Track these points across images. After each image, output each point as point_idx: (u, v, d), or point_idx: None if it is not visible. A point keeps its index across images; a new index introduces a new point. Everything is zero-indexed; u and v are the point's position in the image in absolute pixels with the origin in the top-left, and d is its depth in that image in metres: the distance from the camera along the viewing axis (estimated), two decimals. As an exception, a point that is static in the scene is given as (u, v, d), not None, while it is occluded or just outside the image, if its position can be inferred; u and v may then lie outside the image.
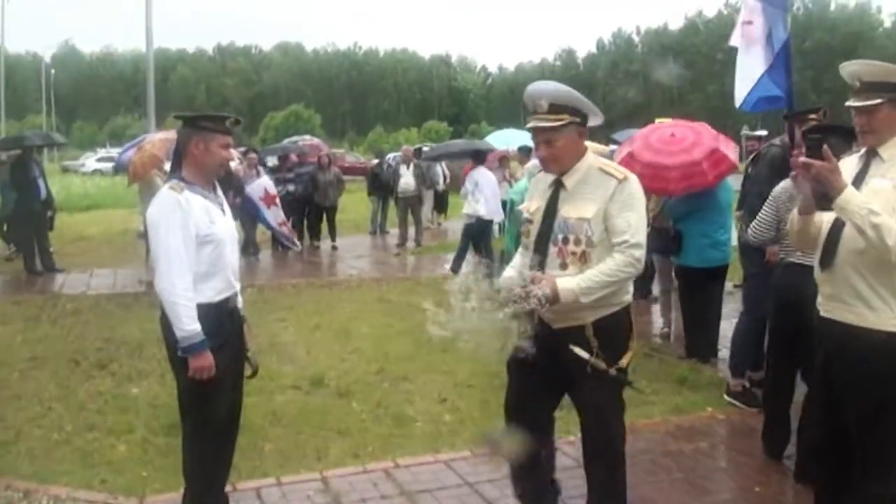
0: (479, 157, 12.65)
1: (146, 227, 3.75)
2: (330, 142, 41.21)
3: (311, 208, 15.04)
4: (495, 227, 12.81)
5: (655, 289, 9.42)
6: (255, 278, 11.81)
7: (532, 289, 3.36)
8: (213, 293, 3.69)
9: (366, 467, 4.76)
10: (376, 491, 4.44)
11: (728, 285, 7.93)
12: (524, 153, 13.82)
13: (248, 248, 13.31)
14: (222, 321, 3.73)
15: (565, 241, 3.53)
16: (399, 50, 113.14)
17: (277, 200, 12.65)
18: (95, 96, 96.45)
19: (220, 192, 3.90)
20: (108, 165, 38.70)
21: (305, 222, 15.24)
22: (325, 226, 15.36)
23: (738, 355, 6.09)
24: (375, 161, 19.10)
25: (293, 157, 16.30)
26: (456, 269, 11.49)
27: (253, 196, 12.40)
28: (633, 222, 3.44)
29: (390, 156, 20.45)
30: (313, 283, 11.45)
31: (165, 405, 5.18)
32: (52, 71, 77.36)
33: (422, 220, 16.08)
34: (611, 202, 3.45)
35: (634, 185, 3.49)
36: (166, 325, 3.64)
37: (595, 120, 3.63)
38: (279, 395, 6.11)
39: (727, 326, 6.97)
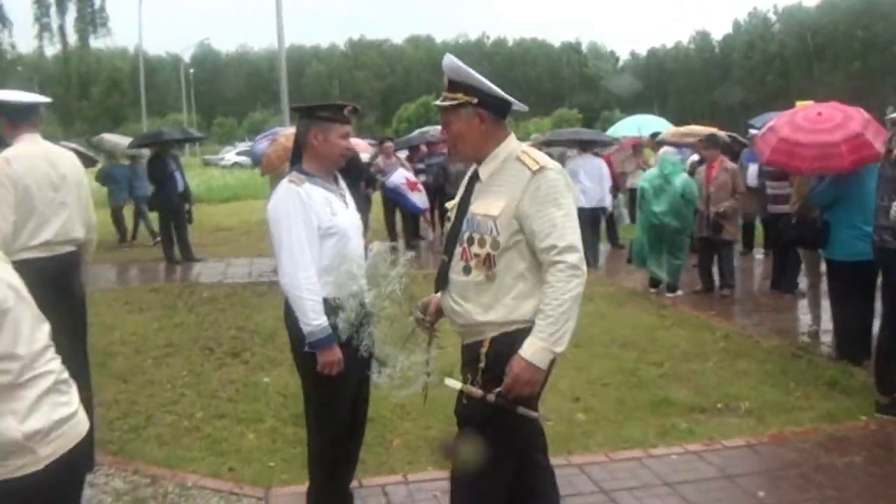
0: (584, 145, 12.51)
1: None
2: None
3: (441, 198, 14.98)
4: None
5: (802, 283, 8.83)
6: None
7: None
8: (337, 287, 3.58)
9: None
10: (505, 492, 4.24)
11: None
12: (655, 140, 13.41)
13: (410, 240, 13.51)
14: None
15: (470, 241, 3.03)
16: (528, 39, 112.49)
17: (420, 186, 12.70)
18: (233, 93, 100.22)
19: (342, 182, 3.80)
20: (247, 159, 40.11)
21: (437, 212, 15.19)
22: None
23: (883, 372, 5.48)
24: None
25: (423, 148, 16.27)
26: (590, 263, 11.22)
27: (396, 183, 12.48)
28: (558, 221, 2.88)
29: (521, 145, 20.17)
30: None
31: (295, 395, 5.14)
32: (192, 70, 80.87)
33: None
34: (524, 198, 2.92)
35: (553, 175, 2.93)
36: (291, 319, 3.57)
37: (512, 106, 3.13)
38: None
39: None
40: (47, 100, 4.80)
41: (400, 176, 12.72)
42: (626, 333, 7.58)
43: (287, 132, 11.77)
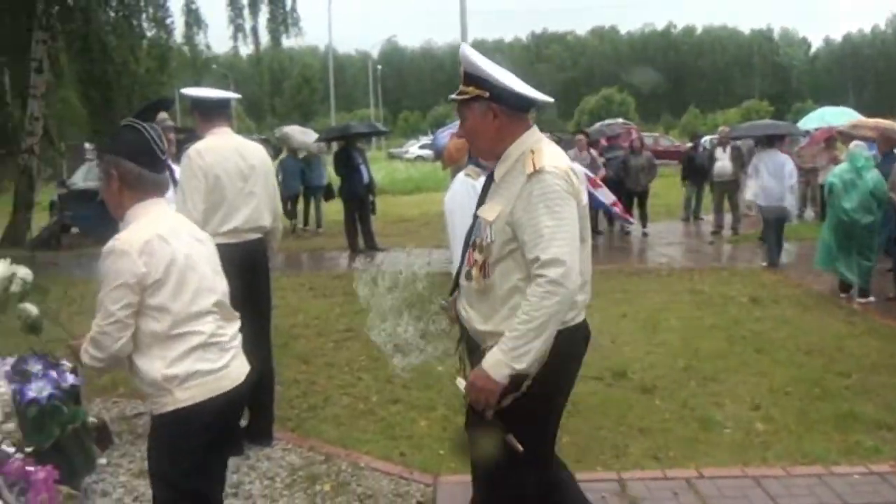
0: (770, 139, 11.98)
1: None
2: (644, 125, 40.37)
3: (622, 193, 14.69)
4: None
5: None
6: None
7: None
8: None
9: (666, 473, 4.42)
10: (675, 501, 4.10)
11: None
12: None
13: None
14: None
15: (474, 245, 2.87)
16: (717, 26, 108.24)
17: (600, 182, 12.56)
18: (418, 88, 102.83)
19: None
20: (429, 152, 41.03)
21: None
22: (636, 211, 14.94)
23: None
24: (690, 144, 18.29)
25: (603, 141, 16.04)
26: (773, 262, 10.67)
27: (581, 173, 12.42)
28: (545, 230, 2.62)
29: (706, 138, 19.48)
30: (622, 270, 11.14)
31: (467, 385, 5.22)
32: (379, 67, 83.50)
33: (739, 207, 15.07)
34: (517, 203, 2.70)
35: (550, 179, 2.66)
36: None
37: (535, 101, 2.87)
38: (580, 385, 5.81)
39: None
40: (237, 96, 5.11)
41: (579, 172, 12.60)
42: (812, 340, 7.13)
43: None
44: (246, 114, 61.00)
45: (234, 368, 2.81)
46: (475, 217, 2.92)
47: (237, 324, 2.93)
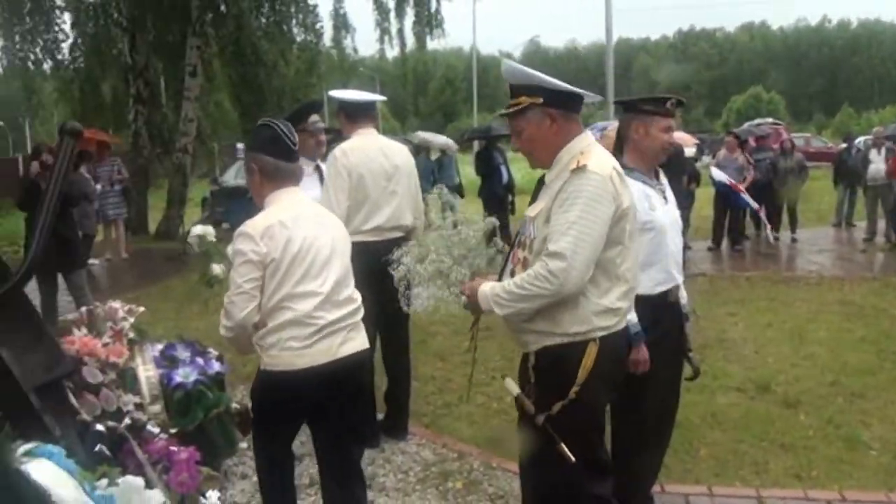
0: None
1: None
2: (795, 125, 38.57)
3: (771, 196, 14.06)
4: None
5: None
6: (708, 267, 11.46)
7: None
8: (651, 284, 3.46)
9: (808, 493, 4.19)
10: (816, 523, 3.90)
11: None
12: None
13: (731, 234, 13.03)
14: (660, 315, 3.50)
15: (519, 243, 2.92)
16: (873, 20, 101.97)
17: (741, 188, 12.11)
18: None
19: (663, 178, 3.67)
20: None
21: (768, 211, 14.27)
22: (785, 216, 14.27)
23: None
24: (843, 145, 17.29)
25: (752, 142, 15.38)
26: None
27: (720, 179, 12.07)
28: (563, 225, 2.63)
29: (859, 139, 18.37)
30: (769, 278, 10.64)
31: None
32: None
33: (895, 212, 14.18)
34: (556, 198, 2.71)
35: (588, 178, 2.66)
36: None
37: (584, 98, 2.87)
38: (721, 397, 5.70)
39: None
40: (382, 98, 5.19)
41: (721, 174, 12.18)
42: None
43: (616, 126, 11.73)
44: (391, 114, 62.29)
45: (322, 351, 3.06)
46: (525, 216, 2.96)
47: (345, 310, 3.19)
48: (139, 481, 1.74)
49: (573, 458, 2.72)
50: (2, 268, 2.51)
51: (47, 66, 18.38)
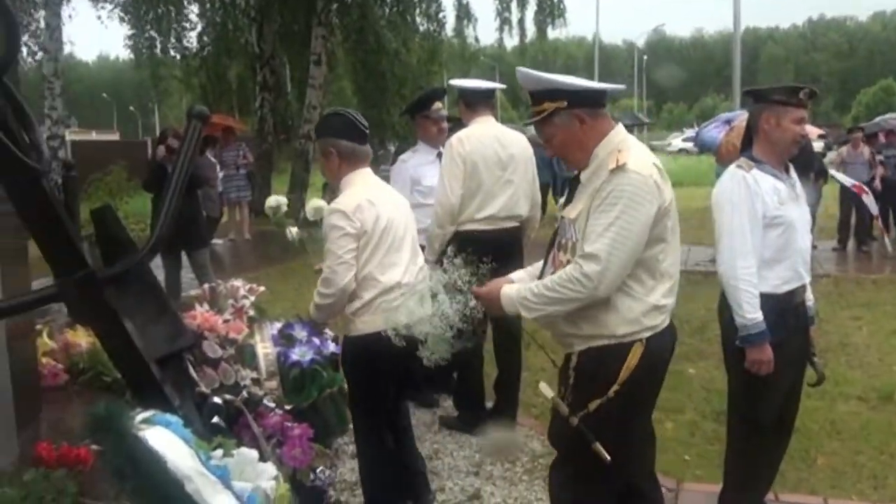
0: None
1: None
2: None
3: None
4: None
5: None
6: (833, 268, 10.94)
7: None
8: (778, 282, 3.34)
9: (929, 513, 3.95)
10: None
11: None
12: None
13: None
14: (785, 316, 3.36)
15: (559, 245, 2.79)
16: None
17: (866, 190, 11.50)
18: (685, 79, 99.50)
19: (793, 172, 3.51)
20: (693, 145, 39.49)
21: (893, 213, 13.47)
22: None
23: None
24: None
25: (881, 137, 14.54)
26: None
27: (842, 180, 11.52)
28: (601, 226, 2.54)
29: None
30: (897, 281, 10.12)
31: (719, 391, 4.95)
32: (645, 56, 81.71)
33: None
34: (595, 198, 2.60)
35: (628, 177, 2.55)
36: (725, 309, 3.41)
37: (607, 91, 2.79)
38: (841, 404, 5.43)
39: None
40: (501, 86, 5.17)
41: (844, 178, 11.61)
42: None
43: (744, 117, 11.31)
44: (509, 104, 62.11)
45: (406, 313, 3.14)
46: (560, 217, 2.84)
47: (419, 277, 3.44)
48: (253, 453, 1.78)
49: (608, 458, 2.62)
50: (129, 244, 2.62)
51: (175, 54, 19.19)
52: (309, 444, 2.53)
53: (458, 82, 5.04)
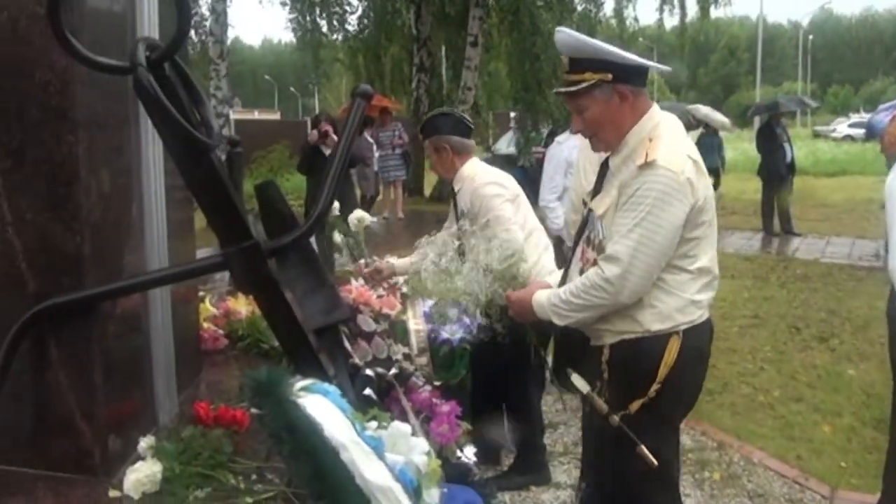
0: None
1: None
2: None
3: None
4: None
5: None
6: None
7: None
8: None
9: None
10: None
11: None
12: None
13: None
14: None
15: (587, 240, 2.65)
16: None
17: None
18: (852, 60, 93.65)
19: None
20: (860, 131, 37.20)
21: None
22: None
23: None
24: None
25: None
26: None
27: None
28: (625, 226, 2.38)
29: None
30: None
31: (880, 395, 4.68)
32: (810, 37, 77.44)
33: None
34: (622, 194, 2.43)
35: (657, 175, 2.35)
36: (894, 309, 3.18)
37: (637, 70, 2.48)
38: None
39: None
40: (665, 68, 4.97)
41: None
42: None
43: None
44: (666, 87, 60.47)
45: None
46: (587, 209, 2.68)
47: None
48: (406, 427, 1.80)
49: (655, 462, 2.45)
50: (291, 218, 2.70)
51: (336, 36, 19.73)
52: (456, 422, 2.54)
53: None
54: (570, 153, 5.09)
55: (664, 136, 2.45)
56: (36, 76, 2.09)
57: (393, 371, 3.07)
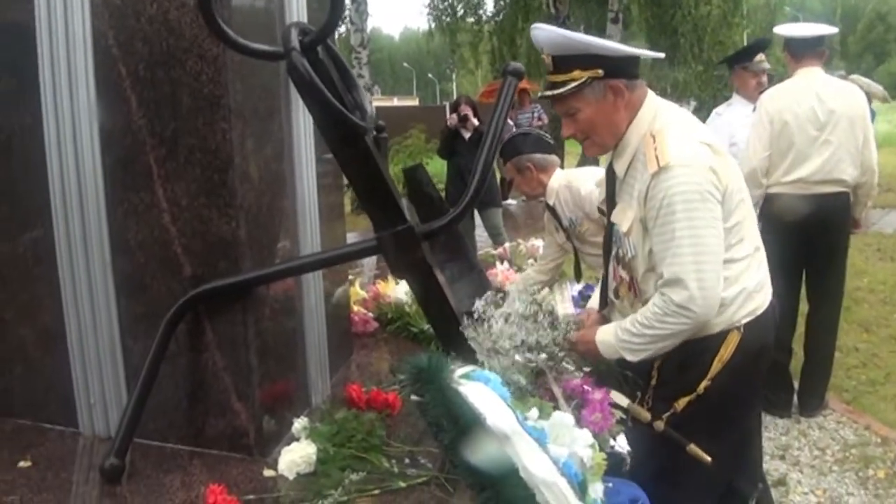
0: None
1: None
2: None
3: None
4: None
5: None
6: None
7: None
8: None
9: None
10: None
11: None
12: None
13: None
14: None
15: (617, 258, 2.40)
16: None
17: None
18: None
19: None
20: None
21: None
22: None
23: None
24: None
25: None
26: None
27: None
28: (670, 242, 2.12)
29: None
30: None
31: None
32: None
33: None
34: (645, 207, 2.16)
35: (675, 178, 2.09)
36: None
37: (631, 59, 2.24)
38: None
39: None
40: (833, 30, 4.68)
41: None
42: None
43: None
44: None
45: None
46: (609, 223, 2.44)
47: None
48: (569, 418, 1.73)
49: (709, 458, 2.21)
50: (439, 202, 2.68)
51: (471, 19, 19.73)
52: (609, 410, 2.45)
53: (782, 30, 4.66)
54: (729, 127, 4.87)
55: (668, 128, 2.21)
56: (188, 65, 2.14)
57: (543, 356, 3.00)
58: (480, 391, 1.58)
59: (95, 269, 2.30)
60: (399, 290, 3.46)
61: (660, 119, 2.25)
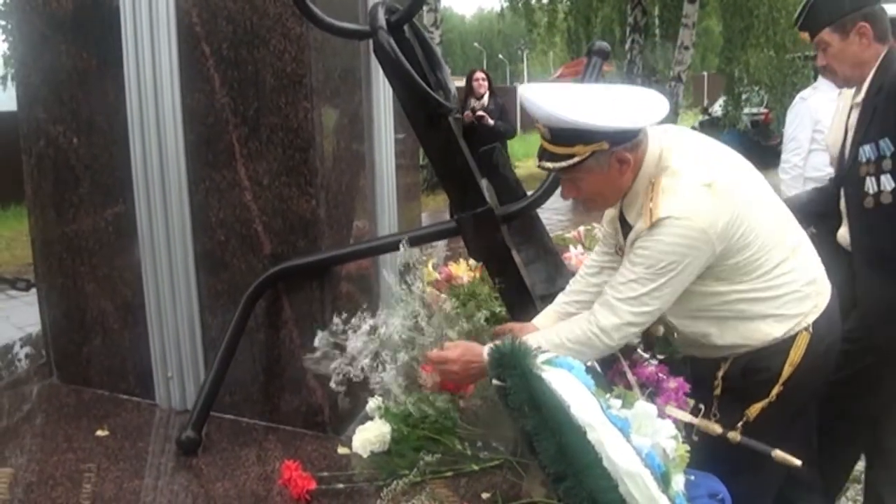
0: None
1: None
2: None
3: None
4: None
5: None
6: None
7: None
8: None
9: None
10: None
11: None
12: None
13: None
14: None
15: None
16: None
17: None
18: None
19: None
20: None
21: None
22: None
23: None
24: None
25: None
26: None
27: None
28: (623, 278, 1.98)
29: None
30: None
31: None
32: None
33: None
34: (632, 247, 2.01)
35: (663, 234, 1.91)
36: None
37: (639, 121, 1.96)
38: None
39: None
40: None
41: None
42: None
43: None
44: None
45: None
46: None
47: None
48: (652, 408, 1.69)
49: (798, 462, 2.00)
50: (516, 184, 2.65)
51: (546, 0, 19.54)
52: (685, 399, 2.39)
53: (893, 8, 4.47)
54: (815, 111, 4.69)
55: (668, 175, 1.99)
56: (271, 44, 2.15)
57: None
58: (564, 378, 1.55)
59: (176, 244, 2.34)
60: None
61: (663, 159, 2.04)
